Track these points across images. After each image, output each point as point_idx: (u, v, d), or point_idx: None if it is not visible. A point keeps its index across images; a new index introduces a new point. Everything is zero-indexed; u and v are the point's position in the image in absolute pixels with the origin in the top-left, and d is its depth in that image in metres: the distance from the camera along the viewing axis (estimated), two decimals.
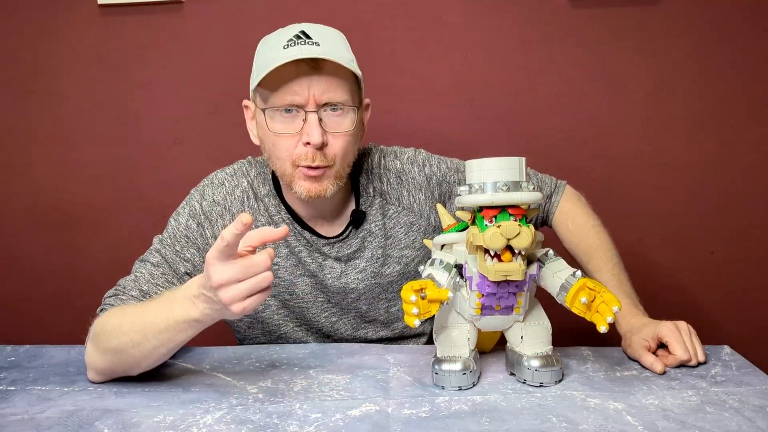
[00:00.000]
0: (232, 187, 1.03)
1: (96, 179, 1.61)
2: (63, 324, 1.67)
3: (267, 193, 1.03)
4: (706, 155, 1.55)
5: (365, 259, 1.04)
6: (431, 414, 0.74)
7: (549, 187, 1.12)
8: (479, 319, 0.81)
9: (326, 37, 0.92)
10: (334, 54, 0.89)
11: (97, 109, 1.59)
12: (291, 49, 0.89)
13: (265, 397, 0.80)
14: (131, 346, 0.81)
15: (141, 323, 0.80)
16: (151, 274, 0.95)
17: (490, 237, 0.70)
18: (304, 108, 0.90)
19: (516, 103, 1.55)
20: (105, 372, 0.86)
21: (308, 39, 0.90)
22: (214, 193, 1.03)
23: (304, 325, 1.07)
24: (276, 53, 0.89)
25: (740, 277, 1.59)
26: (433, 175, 1.07)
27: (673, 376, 0.84)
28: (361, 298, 1.06)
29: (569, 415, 0.72)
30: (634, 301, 0.97)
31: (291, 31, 0.92)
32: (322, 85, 0.89)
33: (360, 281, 1.04)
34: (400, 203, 1.06)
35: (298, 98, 0.89)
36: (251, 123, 1.01)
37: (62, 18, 1.55)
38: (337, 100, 0.90)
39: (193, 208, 1.02)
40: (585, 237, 1.05)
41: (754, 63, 1.51)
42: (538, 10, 1.52)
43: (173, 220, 1.02)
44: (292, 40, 0.90)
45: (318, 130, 0.89)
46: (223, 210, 1.02)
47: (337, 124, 0.92)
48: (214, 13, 1.54)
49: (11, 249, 1.65)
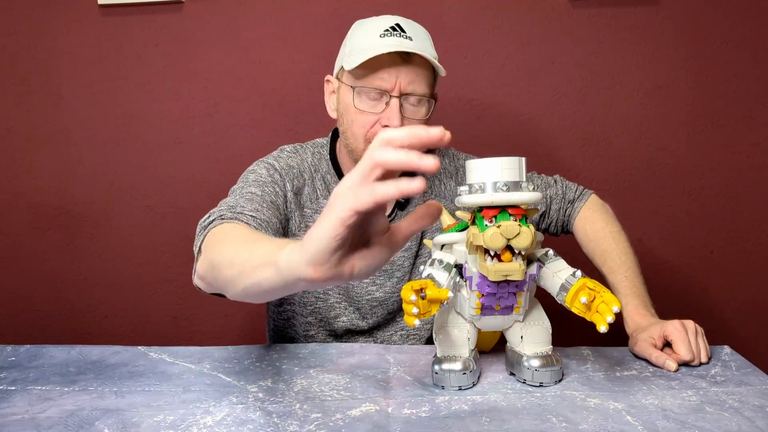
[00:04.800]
0: (300, 159, 1.09)
1: (96, 179, 1.61)
2: (63, 324, 1.67)
3: (326, 172, 1.10)
4: (706, 155, 1.55)
5: (409, 239, 1.08)
6: (431, 414, 0.74)
7: (573, 193, 1.15)
8: (479, 319, 0.81)
9: (417, 33, 1.00)
10: (423, 50, 0.97)
11: (97, 109, 1.59)
12: (388, 38, 0.97)
13: (265, 397, 0.80)
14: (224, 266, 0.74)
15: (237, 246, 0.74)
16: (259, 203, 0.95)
17: (490, 237, 0.70)
18: (389, 93, 0.97)
19: (516, 103, 1.55)
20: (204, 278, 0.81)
21: (403, 32, 0.98)
22: (287, 158, 1.08)
23: (344, 302, 1.10)
24: (374, 40, 0.97)
25: (740, 277, 1.59)
26: (460, 167, 1.16)
27: (673, 376, 0.84)
28: (405, 278, 1.11)
29: (569, 415, 0.72)
30: (644, 303, 0.98)
31: (387, 21, 1.00)
32: (409, 76, 0.97)
33: (405, 259, 1.11)
34: (432, 190, 1.14)
35: (386, 84, 0.97)
36: (331, 97, 1.08)
37: (62, 18, 1.55)
38: (419, 92, 0.98)
39: (270, 164, 1.05)
40: (601, 241, 1.07)
41: (753, 63, 1.51)
42: (538, 10, 1.52)
43: (250, 174, 1.03)
44: (388, 30, 0.98)
45: (398, 115, 0.96)
46: (298, 173, 1.07)
47: (415, 113, 1.00)
48: (214, 13, 1.54)
49: (11, 249, 1.65)
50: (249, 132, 1.58)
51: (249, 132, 1.58)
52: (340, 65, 1.02)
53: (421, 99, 0.99)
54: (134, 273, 1.64)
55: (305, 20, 1.55)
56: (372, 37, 0.98)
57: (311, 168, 1.09)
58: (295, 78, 1.55)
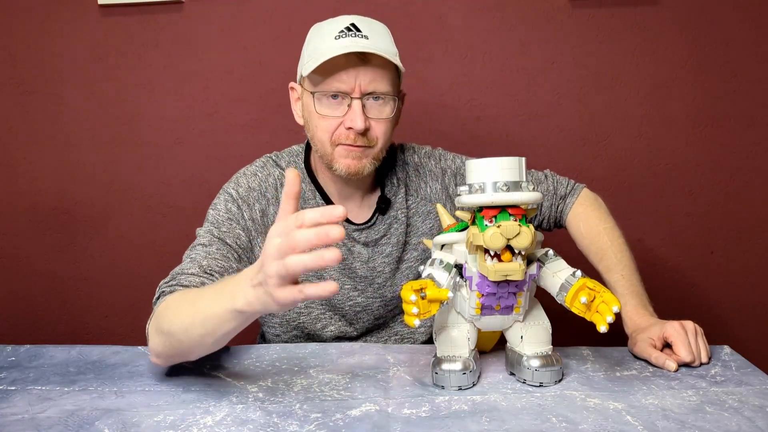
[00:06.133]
0: (265, 176, 1.08)
1: (96, 179, 1.61)
2: (63, 324, 1.67)
3: (301, 180, 1.07)
4: (706, 155, 1.55)
5: (390, 245, 1.10)
6: (431, 414, 0.74)
7: (564, 188, 1.14)
8: (479, 319, 0.81)
9: (374, 31, 0.98)
10: (381, 48, 0.95)
11: (97, 109, 1.59)
12: (342, 40, 0.95)
13: (265, 397, 0.80)
14: (182, 332, 0.80)
15: (193, 309, 0.80)
16: (207, 252, 0.97)
17: (490, 237, 0.70)
18: (349, 95, 0.96)
19: (516, 103, 1.55)
20: (161, 355, 0.85)
21: (358, 32, 0.97)
22: (248, 181, 1.07)
23: (328, 312, 1.09)
24: (328, 43, 0.96)
25: (740, 277, 1.59)
26: (447, 168, 1.14)
27: (673, 376, 0.84)
28: (387, 284, 1.10)
29: (569, 415, 0.72)
30: (643, 302, 0.97)
31: (342, 22, 0.99)
32: (368, 76, 0.95)
33: (386, 264, 1.09)
34: (418, 194, 1.13)
35: (345, 86, 0.96)
36: (296, 104, 1.07)
37: (62, 18, 1.55)
38: (380, 91, 0.97)
39: (229, 194, 1.05)
40: (596, 239, 1.06)
41: (753, 63, 1.51)
42: (538, 10, 1.52)
43: (211, 210, 1.04)
44: (343, 31, 0.97)
45: (361, 117, 0.95)
46: (259, 195, 1.05)
47: (379, 112, 0.99)
48: (214, 13, 1.54)
49: (11, 249, 1.65)
50: (249, 132, 1.58)
51: (249, 132, 1.58)
52: (300, 71, 1.02)
53: (385, 98, 0.98)
54: (134, 273, 1.64)
55: (305, 20, 1.54)
56: (327, 40, 0.97)
57: (278, 182, 1.07)
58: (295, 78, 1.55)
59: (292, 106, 1.08)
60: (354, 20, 0.99)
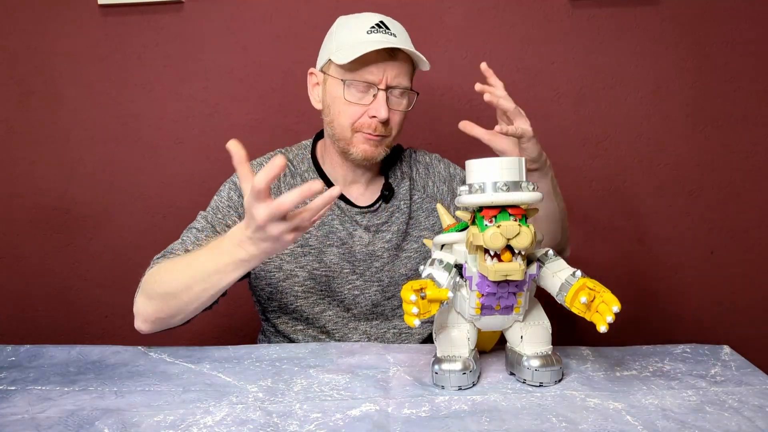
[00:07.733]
0: None
1: (96, 179, 1.61)
2: (63, 324, 1.67)
3: (306, 169, 1.15)
4: (706, 155, 1.55)
5: (391, 232, 1.14)
6: (431, 414, 0.74)
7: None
8: (479, 318, 0.81)
9: (399, 30, 1.08)
10: (407, 46, 1.05)
11: (97, 109, 1.59)
12: (375, 35, 1.04)
13: (265, 397, 0.80)
14: (182, 290, 0.92)
15: (191, 268, 0.92)
16: (197, 237, 1.05)
17: (490, 237, 0.70)
18: (377, 86, 1.04)
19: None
20: (151, 318, 0.97)
21: (387, 29, 1.05)
22: (254, 171, 1.09)
23: (327, 298, 1.12)
24: (361, 37, 1.04)
25: (740, 277, 1.59)
26: (456, 175, 1.22)
27: (673, 376, 0.84)
28: (384, 268, 1.13)
29: (569, 415, 0.72)
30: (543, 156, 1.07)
31: (371, 18, 1.07)
32: (395, 71, 1.05)
33: (385, 250, 1.14)
34: (425, 191, 1.20)
35: (374, 78, 1.04)
36: (314, 89, 1.13)
37: (62, 18, 1.55)
38: (403, 85, 1.07)
39: (234, 183, 1.11)
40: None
41: (753, 63, 1.51)
42: (538, 10, 1.52)
43: (216, 196, 1.12)
44: (374, 27, 1.05)
45: (385, 107, 1.04)
46: None
47: (399, 104, 1.08)
48: (214, 13, 1.54)
49: (11, 249, 1.65)
50: (249, 132, 1.58)
51: (249, 132, 1.58)
52: (327, 59, 1.08)
53: (404, 91, 1.08)
54: (134, 273, 1.63)
55: (305, 20, 1.55)
56: (359, 34, 1.04)
57: (286, 169, 1.12)
58: (295, 78, 1.55)
59: (309, 91, 1.13)
60: (382, 18, 1.07)
